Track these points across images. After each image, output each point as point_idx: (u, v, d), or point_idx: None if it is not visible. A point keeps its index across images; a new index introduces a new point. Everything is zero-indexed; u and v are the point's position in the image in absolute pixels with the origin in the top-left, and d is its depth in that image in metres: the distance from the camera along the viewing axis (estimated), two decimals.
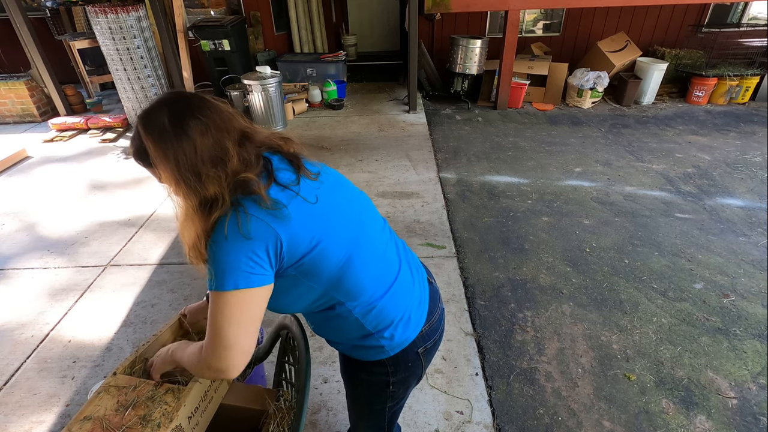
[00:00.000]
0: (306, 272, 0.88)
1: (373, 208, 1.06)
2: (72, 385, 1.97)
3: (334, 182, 0.97)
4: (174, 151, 0.79)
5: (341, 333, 1.01)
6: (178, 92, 0.85)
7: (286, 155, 0.93)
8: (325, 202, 0.90)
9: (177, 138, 0.78)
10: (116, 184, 3.84)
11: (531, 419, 1.82)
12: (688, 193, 3.53)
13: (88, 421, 0.96)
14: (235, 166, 0.81)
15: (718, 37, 5.59)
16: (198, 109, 0.81)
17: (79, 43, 5.50)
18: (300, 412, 1.05)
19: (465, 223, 3.18)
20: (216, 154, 0.80)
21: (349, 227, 0.93)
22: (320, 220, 0.87)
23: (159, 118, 0.79)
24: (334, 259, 0.89)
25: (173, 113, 0.79)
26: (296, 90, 5.77)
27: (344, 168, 3.98)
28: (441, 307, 1.15)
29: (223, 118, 0.83)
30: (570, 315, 2.35)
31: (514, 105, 5.62)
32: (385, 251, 1.01)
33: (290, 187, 0.86)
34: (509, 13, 4.98)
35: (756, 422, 1.78)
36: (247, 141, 0.86)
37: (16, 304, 2.47)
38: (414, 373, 1.08)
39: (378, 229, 1.03)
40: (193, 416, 1.03)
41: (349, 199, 0.98)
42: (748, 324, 2.25)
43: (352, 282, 0.92)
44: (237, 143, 0.83)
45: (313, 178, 0.92)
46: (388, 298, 0.97)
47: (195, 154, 0.79)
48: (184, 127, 0.78)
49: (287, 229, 0.82)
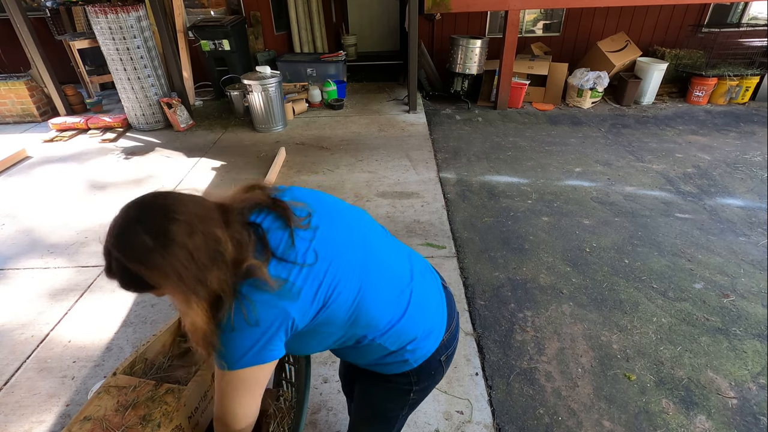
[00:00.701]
0: (321, 324, 0.87)
1: (373, 224, 1.03)
2: (72, 385, 1.97)
3: (327, 218, 0.91)
4: (171, 266, 0.71)
5: (364, 357, 1.00)
6: (139, 202, 0.75)
7: (270, 208, 0.86)
8: (324, 254, 0.85)
9: (168, 251, 0.70)
10: (116, 184, 3.84)
11: (531, 419, 1.82)
12: (688, 193, 3.53)
13: (88, 421, 0.96)
14: (232, 253, 0.75)
15: (718, 37, 5.59)
16: (171, 210, 0.73)
17: (79, 43, 5.50)
18: (300, 412, 1.05)
19: (465, 223, 3.18)
20: (211, 248, 0.73)
21: (354, 263, 0.89)
22: (324, 276, 0.83)
23: (137, 239, 0.71)
24: (346, 304, 0.87)
25: (149, 227, 0.71)
26: (296, 90, 5.77)
27: (344, 168, 3.99)
28: (456, 312, 1.13)
29: (198, 205, 0.76)
30: (570, 315, 2.35)
31: (514, 105, 5.62)
32: (394, 269, 0.97)
33: (287, 256, 0.81)
34: (509, 13, 4.98)
35: (756, 422, 1.78)
36: (229, 214, 0.80)
37: (16, 304, 2.47)
38: (435, 380, 1.07)
39: (383, 246, 0.99)
40: (193, 416, 1.03)
41: (347, 227, 0.93)
42: (748, 324, 2.25)
43: (368, 316, 0.90)
44: (223, 225, 0.76)
45: (305, 226, 0.86)
46: (407, 317, 0.95)
47: (193, 259, 0.71)
48: (169, 236, 0.70)
49: (295, 305, 0.80)
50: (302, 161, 4.17)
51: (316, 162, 4.14)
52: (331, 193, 1.02)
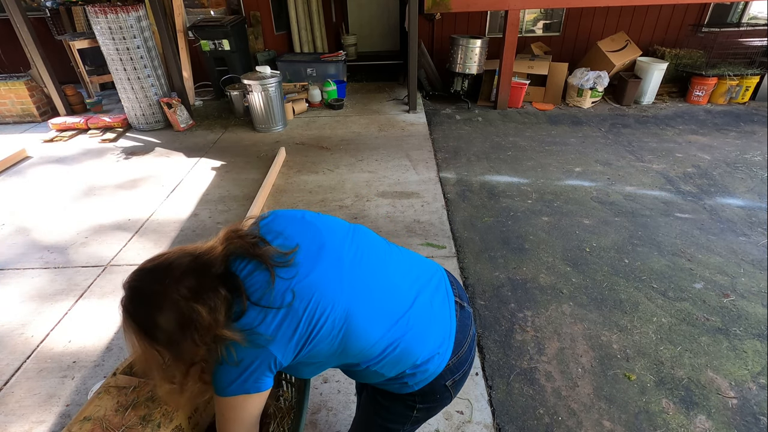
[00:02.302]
0: (308, 356, 0.89)
1: (371, 245, 0.99)
2: (72, 385, 1.97)
3: (315, 248, 0.91)
4: (154, 346, 0.83)
5: (367, 378, 1.01)
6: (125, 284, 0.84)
7: (250, 256, 0.87)
8: (303, 291, 0.85)
9: (149, 336, 0.82)
10: (116, 185, 3.84)
11: (531, 419, 1.82)
12: (688, 192, 3.53)
13: (88, 421, 0.96)
14: (204, 316, 0.79)
15: (718, 36, 5.58)
16: (144, 288, 0.82)
17: (79, 43, 5.50)
18: (300, 412, 1.05)
19: (465, 223, 3.18)
20: (181, 318, 0.79)
21: (341, 294, 0.88)
22: (304, 314, 0.84)
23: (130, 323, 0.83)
24: (329, 338, 0.87)
25: (132, 314, 0.82)
26: (296, 90, 5.77)
27: (344, 168, 3.98)
28: (472, 334, 1.06)
29: (168, 272, 0.81)
30: (570, 315, 2.35)
31: (514, 105, 5.61)
32: (392, 293, 0.94)
33: (263, 300, 0.83)
34: (509, 13, 4.98)
35: (756, 422, 1.78)
36: (203, 272, 0.83)
37: (16, 305, 2.47)
38: (442, 403, 1.05)
39: (380, 269, 0.96)
40: (193, 416, 1.03)
41: (337, 257, 0.91)
42: (748, 324, 2.25)
43: (358, 345, 0.90)
44: (192, 291, 0.80)
45: (287, 263, 0.86)
46: (404, 345, 0.92)
47: (167, 335, 0.81)
48: (147, 321, 0.81)
49: (274, 345, 0.83)
50: (302, 161, 4.17)
51: (316, 162, 4.14)
52: (331, 193, 1.02)
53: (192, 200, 3.54)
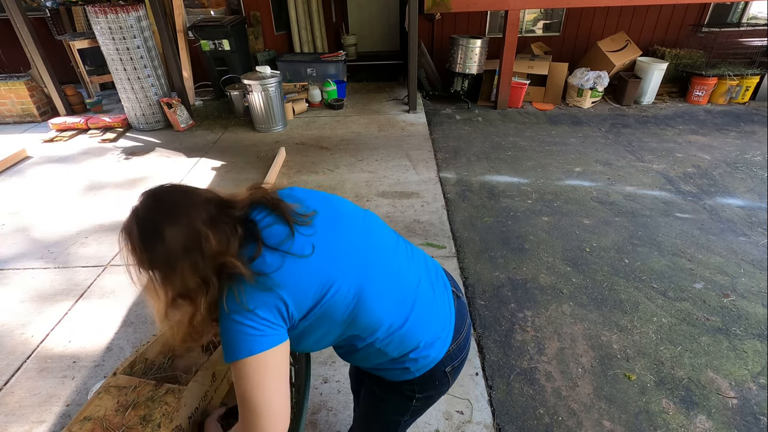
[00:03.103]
0: (319, 318, 0.86)
1: (381, 227, 1.02)
2: (72, 385, 1.97)
3: (331, 217, 0.93)
4: (149, 256, 0.78)
5: (366, 360, 1.00)
6: (146, 193, 0.83)
7: (273, 209, 0.88)
8: (323, 248, 0.86)
9: (146, 245, 0.77)
10: (116, 184, 3.84)
11: (531, 419, 1.82)
12: (688, 192, 3.53)
13: (88, 421, 0.96)
14: (213, 246, 0.78)
15: (718, 36, 5.58)
16: (162, 202, 0.81)
17: (79, 43, 5.50)
18: (300, 412, 1.05)
19: (465, 223, 3.18)
20: (188, 240, 0.77)
21: (355, 262, 0.89)
22: (321, 269, 0.84)
23: (131, 230, 0.79)
24: (344, 301, 0.86)
25: (140, 221, 0.79)
26: (296, 90, 5.77)
27: (344, 168, 3.98)
28: (468, 322, 1.10)
29: (190, 198, 0.82)
30: (570, 315, 2.35)
31: (514, 105, 5.61)
32: (399, 273, 0.96)
33: (281, 246, 0.83)
34: (509, 13, 4.98)
35: (756, 422, 1.78)
36: (225, 211, 0.83)
37: (16, 304, 2.47)
38: (440, 391, 1.06)
39: (389, 250, 0.98)
40: (193, 416, 1.03)
41: (351, 229, 0.93)
42: (748, 324, 2.25)
43: (367, 318, 0.89)
44: (209, 220, 0.79)
45: (307, 223, 0.87)
46: (409, 325, 0.94)
47: (167, 250, 0.77)
48: (152, 229, 0.78)
49: (288, 291, 0.81)
50: (302, 161, 4.17)
51: (316, 162, 4.14)
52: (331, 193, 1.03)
53: None
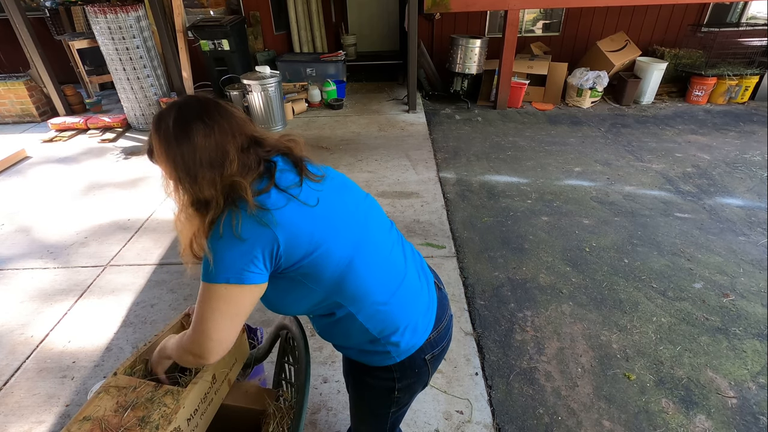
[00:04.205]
0: (306, 274, 0.87)
1: (379, 211, 1.06)
2: (72, 385, 1.97)
3: (338, 185, 0.98)
4: (174, 152, 0.82)
5: (347, 338, 1.00)
6: (192, 96, 0.88)
7: (292, 158, 0.95)
8: (326, 205, 0.90)
9: (178, 140, 0.81)
10: (115, 184, 3.84)
11: (531, 419, 1.82)
12: (687, 192, 3.53)
13: (88, 421, 0.96)
14: (234, 170, 0.82)
15: (718, 36, 5.59)
16: (206, 113, 0.83)
17: (79, 43, 5.49)
18: (300, 412, 1.05)
19: (465, 223, 3.18)
20: (215, 156, 0.82)
21: (352, 230, 0.92)
22: (320, 222, 0.87)
23: (167, 119, 0.83)
24: (335, 262, 0.88)
25: (180, 116, 0.82)
26: (296, 90, 5.77)
27: (344, 168, 3.98)
28: (449, 313, 1.13)
29: (231, 123, 0.85)
30: (570, 314, 2.35)
31: (514, 105, 5.61)
32: (390, 255, 1.00)
33: (289, 190, 0.87)
34: (509, 13, 4.98)
35: (756, 422, 1.78)
36: (255, 146, 0.88)
37: (16, 305, 2.47)
38: (420, 379, 1.07)
39: (383, 232, 1.02)
40: (192, 418, 1.03)
41: (354, 201, 0.98)
42: (747, 323, 2.26)
43: (354, 286, 0.91)
44: (240, 148, 0.85)
45: (317, 180, 0.94)
46: (393, 304, 0.96)
47: (194, 155, 0.81)
48: (187, 129, 0.81)
49: (283, 231, 0.82)
50: None
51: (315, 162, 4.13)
52: None
53: None
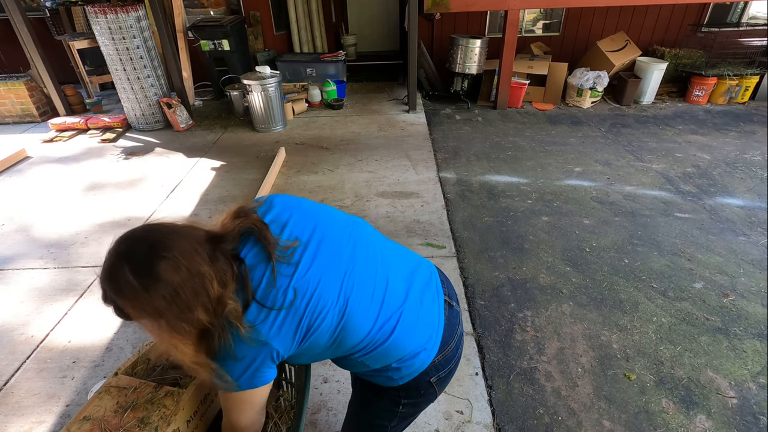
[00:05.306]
0: (307, 350, 0.91)
1: (369, 239, 1.00)
2: (72, 386, 1.97)
3: (316, 243, 0.90)
4: (153, 302, 0.73)
5: (352, 368, 1.03)
6: (129, 236, 0.77)
7: (255, 240, 0.86)
8: (304, 287, 0.85)
9: (149, 289, 0.72)
10: (115, 185, 3.84)
11: (531, 419, 1.82)
12: (687, 192, 3.53)
13: (87, 421, 0.96)
14: (216, 291, 0.76)
15: (718, 36, 5.58)
16: (156, 246, 0.74)
17: (79, 43, 5.49)
18: (300, 412, 1.05)
19: (465, 223, 3.18)
20: (195, 283, 0.74)
21: (338, 289, 0.88)
22: (305, 310, 0.85)
23: (121, 275, 0.73)
24: (329, 332, 0.89)
25: (134, 265, 0.73)
26: (296, 90, 5.77)
27: (344, 168, 3.98)
28: (459, 332, 1.07)
29: (185, 238, 0.77)
30: (570, 315, 2.35)
31: (514, 105, 5.61)
32: (386, 289, 0.95)
33: (266, 299, 0.82)
34: (509, 13, 4.98)
35: (756, 422, 1.78)
36: (216, 246, 0.80)
37: (16, 305, 2.47)
38: (427, 399, 1.06)
39: (378, 264, 0.97)
40: (192, 419, 1.03)
41: (336, 251, 0.91)
42: (748, 323, 2.25)
43: (352, 337, 0.91)
44: (209, 260, 0.77)
45: (288, 258, 0.86)
46: (392, 340, 0.94)
47: (176, 297, 0.73)
48: (152, 273, 0.72)
49: (277, 340, 0.84)
50: (302, 161, 4.16)
51: (315, 162, 4.14)
52: (331, 193, 1.04)
53: (192, 200, 3.54)
